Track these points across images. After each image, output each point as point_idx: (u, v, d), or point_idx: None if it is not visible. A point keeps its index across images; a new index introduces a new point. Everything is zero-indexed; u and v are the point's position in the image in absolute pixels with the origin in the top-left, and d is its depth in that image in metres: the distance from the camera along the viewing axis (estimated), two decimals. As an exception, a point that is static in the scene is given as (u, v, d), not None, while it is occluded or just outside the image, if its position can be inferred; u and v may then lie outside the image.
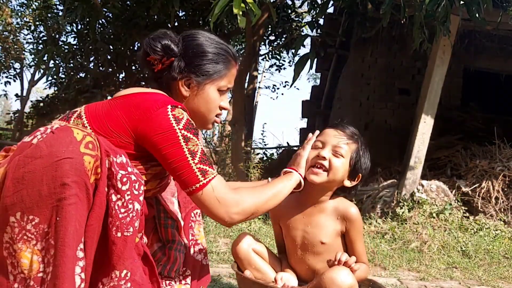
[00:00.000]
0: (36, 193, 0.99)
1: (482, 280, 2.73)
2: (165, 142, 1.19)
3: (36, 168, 1.00)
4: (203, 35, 1.38)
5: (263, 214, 3.65)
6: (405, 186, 4.26)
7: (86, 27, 6.46)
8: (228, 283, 2.26)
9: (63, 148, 1.02)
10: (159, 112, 1.20)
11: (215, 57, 1.36)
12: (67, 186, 1.00)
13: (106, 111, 1.24)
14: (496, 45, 5.93)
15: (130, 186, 1.10)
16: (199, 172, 1.20)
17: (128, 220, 1.09)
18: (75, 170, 1.01)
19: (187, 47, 1.34)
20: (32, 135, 1.09)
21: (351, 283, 1.30)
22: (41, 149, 1.02)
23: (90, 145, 1.05)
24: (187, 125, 1.21)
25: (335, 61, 7.84)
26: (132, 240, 1.10)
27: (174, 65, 1.32)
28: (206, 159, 1.23)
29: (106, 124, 1.21)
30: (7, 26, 10.60)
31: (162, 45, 1.30)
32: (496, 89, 7.12)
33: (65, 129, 1.07)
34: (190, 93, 1.36)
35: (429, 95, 4.23)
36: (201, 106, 1.37)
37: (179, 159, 1.19)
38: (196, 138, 1.22)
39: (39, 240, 1.00)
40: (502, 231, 3.79)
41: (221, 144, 7.73)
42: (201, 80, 1.34)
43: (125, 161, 1.12)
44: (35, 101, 8.29)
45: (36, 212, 1.00)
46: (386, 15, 3.63)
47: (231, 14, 3.20)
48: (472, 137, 5.44)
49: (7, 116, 11.31)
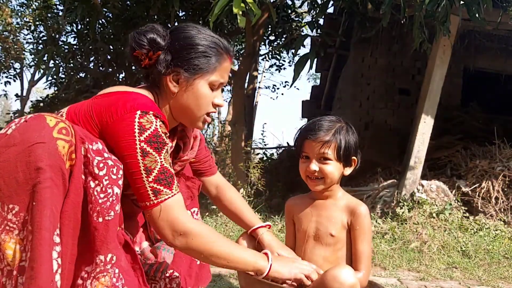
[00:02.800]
0: (13, 180, 0.99)
1: (482, 280, 2.73)
2: (124, 151, 1.15)
3: (10, 156, 1.00)
4: (192, 27, 1.31)
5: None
6: (405, 186, 4.26)
7: (86, 27, 6.46)
8: (228, 283, 2.26)
9: (36, 134, 1.01)
10: (125, 117, 1.15)
11: (205, 49, 1.28)
12: (41, 170, 0.99)
13: (83, 110, 1.21)
14: (496, 45, 5.93)
15: (108, 171, 1.09)
16: (151, 191, 1.15)
17: (108, 205, 1.08)
18: (48, 154, 1.00)
19: (174, 40, 1.28)
20: (7, 127, 1.07)
21: (353, 281, 1.30)
22: (14, 137, 1.02)
23: (63, 130, 1.04)
24: (151, 137, 1.15)
25: (335, 61, 7.84)
26: (114, 224, 1.09)
27: (160, 58, 1.26)
28: (164, 178, 1.16)
29: (81, 124, 1.18)
30: (7, 26, 10.59)
31: (148, 39, 1.25)
32: (496, 89, 7.12)
33: (38, 117, 1.06)
34: (178, 89, 1.29)
35: (429, 95, 4.23)
36: (191, 102, 1.30)
37: (135, 172, 1.15)
38: (156, 154, 1.16)
39: (20, 229, 1.00)
40: (502, 231, 3.79)
41: (221, 144, 7.73)
42: (190, 75, 1.28)
43: (101, 147, 1.11)
44: (35, 101, 8.28)
45: (15, 200, 0.99)
46: (386, 15, 3.63)
47: (231, 14, 3.20)
48: (472, 137, 5.44)
49: (7, 116, 11.29)
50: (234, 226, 3.68)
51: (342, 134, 1.51)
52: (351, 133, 1.54)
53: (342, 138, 1.50)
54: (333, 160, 1.50)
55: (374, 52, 6.28)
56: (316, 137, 1.50)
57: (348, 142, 1.52)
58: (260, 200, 4.51)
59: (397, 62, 6.34)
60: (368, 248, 1.53)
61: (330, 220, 1.55)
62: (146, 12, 5.55)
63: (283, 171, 6.69)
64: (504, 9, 3.95)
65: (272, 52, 8.44)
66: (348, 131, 1.54)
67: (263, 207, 4.36)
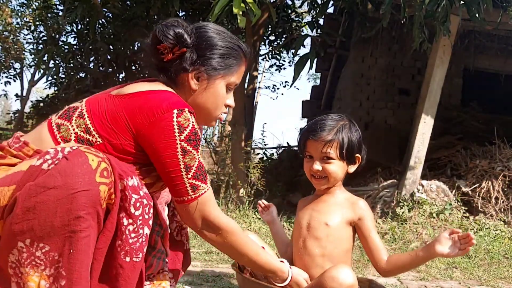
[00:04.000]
0: (49, 224, 0.96)
1: (482, 280, 2.72)
2: (164, 151, 1.16)
3: (50, 199, 0.96)
4: (217, 28, 1.33)
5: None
6: (405, 186, 4.26)
7: (86, 27, 6.46)
8: (228, 283, 2.26)
9: (79, 179, 0.98)
10: (163, 117, 1.15)
11: (228, 51, 1.30)
12: (81, 219, 0.97)
13: (110, 111, 1.18)
14: (496, 45, 5.92)
15: (143, 211, 1.08)
16: (190, 187, 1.19)
17: (138, 246, 1.08)
18: (91, 202, 0.98)
19: (200, 38, 1.28)
20: (41, 158, 1.02)
21: (351, 282, 1.30)
22: (55, 178, 0.97)
23: (105, 172, 1.02)
24: (190, 136, 1.17)
25: (335, 61, 7.84)
26: (140, 266, 1.09)
27: (186, 56, 1.26)
28: (201, 174, 1.21)
29: (111, 126, 1.17)
30: (7, 26, 10.58)
31: (175, 33, 1.24)
32: (496, 89, 7.12)
33: (79, 154, 1.01)
34: (199, 87, 1.29)
35: (429, 95, 4.23)
36: (209, 101, 1.31)
37: (174, 171, 1.17)
38: (195, 151, 1.19)
39: (47, 266, 0.98)
40: (502, 231, 3.79)
41: (221, 144, 7.72)
42: (212, 74, 1.29)
43: (137, 184, 1.10)
44: (35, 101, 8.28)
45: (47, 241, 0.97)
46: (386, 15, 3.63)
47: (231, 14, 3.20)
48: (472, 137, 5.43)
49: (7, 116, 11.30)
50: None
51: (345, 132, 1.51)
52: (354, 130, 1.54)
53: (344, 137, 1.50)
54: (335, 159, 1.50)
55: (374, 52, 6.28)
56: (318, 137, 1.50)
57: (351, 141, 1.51)
58: (260, 200, 4.51)
59: (397, 62, 6.34)
60: (379, 237, 1.57)
61: (326, 211, 1.56)
62: (146, 12, 5.56)
63: (283, 171, 6.70)
64: (504, 9, 3.95)
65: (272, 52, 8.44)
66: (351, 129, 1.53)
67: (263, 207, 4.36)
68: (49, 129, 1.19)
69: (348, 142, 1.51)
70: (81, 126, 1.17)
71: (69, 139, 1.17)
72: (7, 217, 0.98)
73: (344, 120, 1.55)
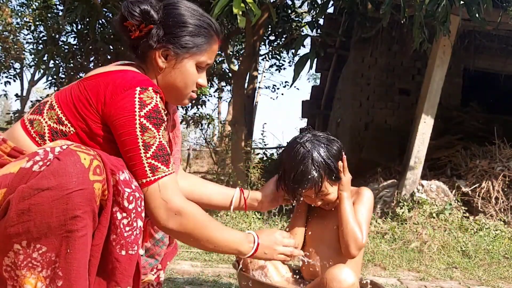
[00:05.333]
0: (45, 225, 0.96)
1: (482, 280, 2.72)
2: (123, 128, 1.12)
3: (45, 201, 0.95)
4: (186, 4, 1.28)
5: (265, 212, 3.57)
6: (405, 186, 4.26)
7: (86, 27, 6.46)
8: (228, 283, 2.26)
9: (73, 178, 0.97)
10: (125, 94, 1.13)
11: (197, 29, 1.26)
12: (78, 218, 0.97)
13: (75, 95, 1.17)
14: (496, 45, 5.93)
15: (136, 204, 1.08)
16: (149, 168, 1.13)
17: (133, 238, 1.07)
18: (86, 201, 0.98)
19: (168, 15, 1.25)
20: (31, 160, 1.00)
21: (352, 281, 1.30)
22: (48, 179, 0.96)
23: (97, 170, 1.01)
24: (151, 113, 1.13)
25: (335, 61, 7.84)
26: (136, 258, 1.09)
27: (152, 32, 1.23)
28: (162, 155, 1.15)
29: (78, 111, 1.15)
30: (7, 26, 10.59)
31: (141, 10, 1.21)
32: (496, 89, 7.12)
33: (70, 153, 1.00)
34: (166, 65, 1.26)
35: (429, 95, 4.23)
36: (178, 80, 1.27)
37: (132, 149, 1.13)
38: (155, 130, 1.14)
39: (44, 268, 0.98)
40: (502, 231, 3.79)
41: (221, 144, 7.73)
42: (179, 52, 1.25)
43: (128, 177, 1.09)
44: (35, 101, 8.29)
45: (44, 242, 0.97)
46: (386, 15, 3.63)
47: (231, 14, 3.20)
48: (472, 137, 5.44)
49: (7, 116, 11.29)
50: (234, 226, 3.68)
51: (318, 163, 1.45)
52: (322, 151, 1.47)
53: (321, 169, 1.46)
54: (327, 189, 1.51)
55: (374, 52, 6.28)
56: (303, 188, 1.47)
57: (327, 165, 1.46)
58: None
59: (397, 62, 6.34)
60: (367, 219, 1.54)
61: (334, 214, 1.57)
62: (146, 12, 5.55)
63: (283, 171, 6.68)
64: (504, 9, 3.95)
65: (272, 52, 8.44)
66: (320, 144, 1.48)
67: (263, 207, 4.36)
68: (22, 126, 1.18)
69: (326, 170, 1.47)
70: (53, 118, 1.16)
71: (43, 132, 1.16)
72: (0, 221, 0.98)
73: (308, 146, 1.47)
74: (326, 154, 1.48)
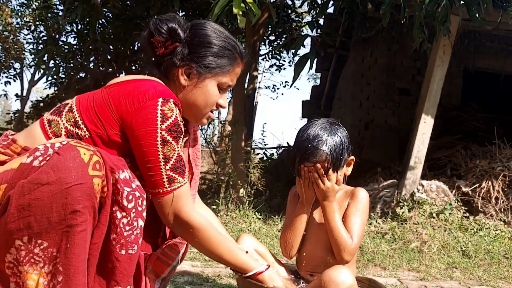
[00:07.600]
0: (45, 220, 0.97)
1: (482, 280, 2.72)
2: (144, 139, 1.16)
3: (44, 195, 0.96)
4: (213, 26, 1.32)
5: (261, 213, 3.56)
6: (405, 186, 4.26)
7: (86, 27, 6.45)
8: (228, 283, 2.26)
9: (72, 173, 0.98)
10: (147, 105, 1.16)
11: (221, 50, 1.30)
12: (78, 213, 0.98)
13: (97, 101, 1.20)
14: (496, 45, 5.93)
15: (135, 204, 1.08)
16: (167, 179, 1.18)
17: (133, 238, 1.08)
18: (86, 195, 0.99)
19: (194, 35, 1.29)
20: (31, 156, 1.02)
21: (350, 283, 1.30)
22: (47, 174, 0.97)
23: (97, 165, 1.02)
24: (172, 127, 1.17)
25: (335, 61, 7.84)
26: (136, 257, 1.10)
27: (177, 50, 1.27)
28: (179, 166, 1.20)
29: (97, 117, 1.18)
30: (7, 26, 10.58)
31: (169, 27, 1.25)
32: (496, 89, 7.12)
33: (70, 148, 1.01)
34: (188, 83, 1.29)
35: (429, 95, 4.23)
36: (198, 99, 1.30)
37: (153, 160, 1.16)
38: (175, 143, 1.18)
39: (46, 263, 0.99)
40: (502, 231, 3.79)
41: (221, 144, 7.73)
42: (202, 72, 1.28)
43: (129, 176, 1.10)
44: (35, 101, 8.28)
45: (45, 237, 0.98)
46: (386, 15, 3.63)
47: (231, 14, 3.19)
48: (472, 137, 5.44)
49: (7, 116, 11.28)
50: (234, 226, 3.68)
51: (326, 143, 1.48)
52: (335, 137, 1.50)
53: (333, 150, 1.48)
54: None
55: (374, 52, 6.28)
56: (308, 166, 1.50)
57: (336, 146, 1.49)
58: (260, 200, 4.51)
59: (397, 62, 6.34)
60: (360, 222, 1.53)
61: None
62: (146, 12, 5.56)
63: (283, 171, 6.69)
64: (504, 9, 3.95)
65: (272, 52, 8.44)
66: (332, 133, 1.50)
67: (263, 207, 4.36)
68: (41, 125, 1.21)
69: (335, 156, 1.48)
70: (70, 120, 1.19)
71: (60, 134, 1.18)
72: (1, 217, 0.98)
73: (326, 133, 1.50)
74: (341, 141, 1.51)
